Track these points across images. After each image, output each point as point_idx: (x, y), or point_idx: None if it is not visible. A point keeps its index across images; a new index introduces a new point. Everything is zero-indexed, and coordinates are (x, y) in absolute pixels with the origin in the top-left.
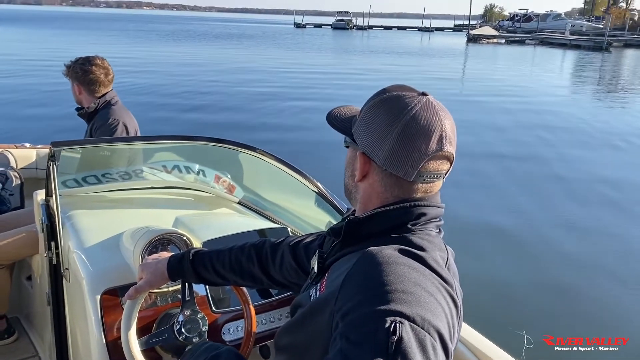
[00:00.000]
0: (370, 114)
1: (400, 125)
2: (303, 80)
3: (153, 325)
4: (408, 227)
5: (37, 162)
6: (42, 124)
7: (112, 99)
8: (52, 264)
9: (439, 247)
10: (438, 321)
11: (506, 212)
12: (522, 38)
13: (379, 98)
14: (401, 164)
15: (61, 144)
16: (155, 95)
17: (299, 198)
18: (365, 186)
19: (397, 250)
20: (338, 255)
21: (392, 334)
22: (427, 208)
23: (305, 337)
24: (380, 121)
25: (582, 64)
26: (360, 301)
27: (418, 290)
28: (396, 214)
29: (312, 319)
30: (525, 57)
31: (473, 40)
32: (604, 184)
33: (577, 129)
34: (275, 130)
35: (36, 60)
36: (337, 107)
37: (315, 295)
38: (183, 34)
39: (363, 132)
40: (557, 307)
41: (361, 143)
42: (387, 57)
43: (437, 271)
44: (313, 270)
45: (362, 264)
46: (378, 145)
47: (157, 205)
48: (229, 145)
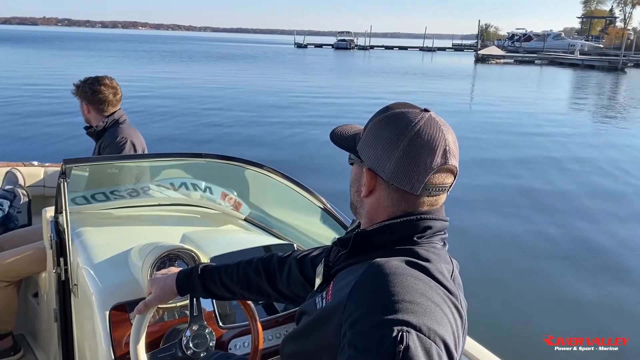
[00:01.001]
0: (375, 131)
1: (406, 141)
2: (336, 108)
3: (160, 340)
4: (414, 240)
5: (45, 180)
6: (49, 143)
7: (120, 117)
8: (61, 280)
9: (444, 259)
10: (444, 331)
11: (504, 213)
12: (531, 58)
13: (383, 115)
14: (407, 178)
15: (72, 161)
16: (170, 121)
17: (304, 214)
18: (371, 201)
19: (403, 261)
20: (343, 265)
21: (399, 343)
22: (432, 221)
23: (311, 345)
24: (386, 137)
25: (611, 86)
26: (368, 310)
27: (424, 301)
28: (403, 226)
29: (319, 328)
30: (544, 79)
31: (481, 61)
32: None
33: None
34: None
35: (39, 84)
36: (339, 126)
37: (322, 303)
38: (184, 55)
39: (368, 149)
40: (557, 307)
41: (367, 159)
42: (404, 79)
43: (443, 283)
44: (318, 278)
45: (370, 274)
46: (384, 160)
47: (165, 222)
48: (236, 163)
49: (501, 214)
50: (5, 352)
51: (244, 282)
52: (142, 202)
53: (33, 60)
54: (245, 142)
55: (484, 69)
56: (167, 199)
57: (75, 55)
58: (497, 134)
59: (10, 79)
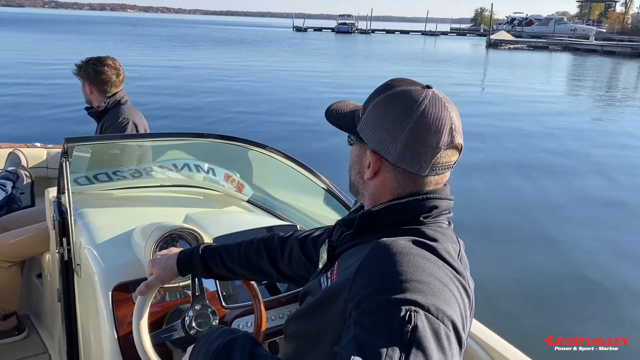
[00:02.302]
0: (377, 111)
1: (412, 122)
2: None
3: (163, 320)
4: (420, 220)
5: (47, 162)
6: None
7: (121, 98)
8: (64, 260)
9: (451, 238)
10: (452, 311)
11: (504, 210)
12: (544, 44)
13: (385, 95)
14: (415, 160)
15: (74, 140)
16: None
17: (307, 195)
18: (376, 183)
19: (410, 241)
20: (348, 246)
21: (407, 323)
22: (438, 201)
23: (316, 325)
24: (390, 118)
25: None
26: (376, 289)
27: (432, 281)
28: (409, 206)
29: (324, 307)
30: (568, 66)
31: (493, 46)
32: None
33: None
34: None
35: (40, 67)
36: (334, 103)
37: (327, 283)
38: (183, 39)
39: (371, 131)
40: (558, 307)
41: (370, 141)
42: (423, 66)
43: (450, 262)
44: (323, 258)
45: (377, 253)
46: (389, 143)
47: (167, 203)
48: (239, 143)
49: (501, 213)
50: (9, 331)
51: (245, 263)
52: (144, 183)
53: (26, 45)
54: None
55: (497, 54)
56: (170, 180)
57: (67, 39)
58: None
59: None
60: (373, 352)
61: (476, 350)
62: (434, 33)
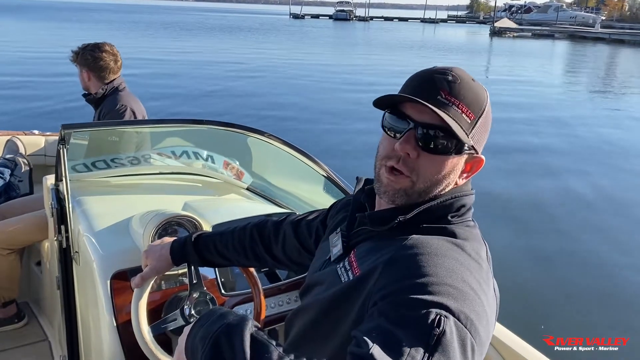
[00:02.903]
0: (490, 115)
1: (490, 115)
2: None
3: (162, 308)
4: (448, 219)
5: (45, 149)
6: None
7: (119, 85)
8: (62, 248)
9: (479, 240)
10: (480, 322)
11: (504, 210)
12: (550, 32)
13: (487, 92)
14: None
15: (71, 126)
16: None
17: (307, 183)
18: (464, 183)
19: (444, 241)
20: (365, 237)
21: (436, 326)
22: (464, 198)
23: (333, 317)
24: (491, 118)
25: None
26: (407, 286)
27: (465, 287)
28: (439, 207)
29: (346, 300)
30: (581, 56)
31: (498, 34)
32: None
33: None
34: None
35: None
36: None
37: (347, 276)
38: (179, 26)
39: (484, 138)
40: (557, 307)
41: (480, 149)
42: (436, 55)
43: (482, 265)
44: (337, 248)
45: (410, 250)
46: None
47: (166, 190)
48: (237, 129)
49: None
50: (9, 319)
51: (239, 249)
52: (143, 171)
53: (16, 35)
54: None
55: (504, 43)
56: (169, 168)
57: (61, 27)
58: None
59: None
60: (395, 347)
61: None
62: (434, 20)
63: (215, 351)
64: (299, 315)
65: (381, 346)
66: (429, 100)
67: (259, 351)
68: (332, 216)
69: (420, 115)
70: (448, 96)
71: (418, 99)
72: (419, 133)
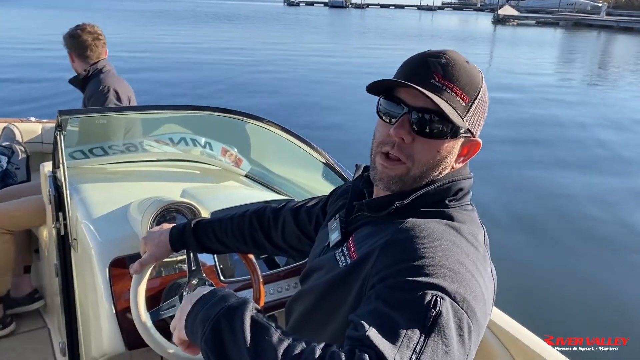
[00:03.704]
0: (486, 97)
1: (487, 100)
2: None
3: (161, 294)
4: (446, 203)
5: (42, 136)
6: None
7: (103, 67)
8: (60, 235)
9: (477, 223)
10: (476, 304)
11: (504, 209)
12: (554, 20)
13: (482, 75)
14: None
15: (68, 112)
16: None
17: (306, 169)
18: (461, 166)
19: (440, 224)
20: (363, 222)
21: (432, 308)
22: (462, 182)
23: (331, 302)
24: (487, 103)
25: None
26: (404, 269)
27: (461, 269)
28: (438, 192)
29: (344, 283)
30: (601, 47)
31: (501, 22)
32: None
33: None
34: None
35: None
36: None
37: (345, 261)
38: (170, 15)
39: (479, 122)
40: (557, 307)
41: (477, 132)
42: (447, 45)
43: (478, 249)
44: (335, 234)
45: (406, 233)
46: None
47: (164, 177)
48: (235, 116)
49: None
50: None
51: (239, 235)
52: (140, 158)
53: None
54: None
55: (509, 31)
56: (166, 155)
57: (51, 15)
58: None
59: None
60: (391, 330)
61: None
62: (431, 7)
63: (216, 334)
64: (298, 301)
65: (377, 329)
66: (423, 84)
67: (259, 333)
68: (332, 203)
69: (414, 99)
70: (442, 79)
71: (410, 84)
72: (413, 118)
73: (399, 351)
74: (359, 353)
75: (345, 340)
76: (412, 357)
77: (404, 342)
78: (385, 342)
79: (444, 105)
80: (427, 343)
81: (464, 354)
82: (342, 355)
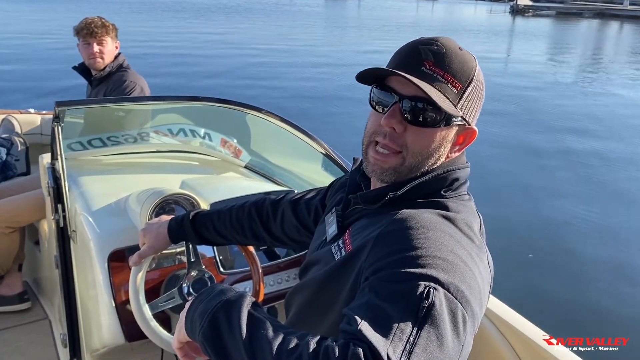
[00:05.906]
0: (481, 84)
1: (484, 89)
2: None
3: (160, 287)
4: (441, 194)
5: (41, 128)
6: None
7: (123, 61)
8: (60, 227)
9: (473, 213)
10: (471, 294)
11: (504, 207)
12: (577, 10)
13: (475, 61)
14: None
15: (65, 103)
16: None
17: (305, 160)
18: (457, 156)
19: (434, 214)
20: (359, 215)
21: (424, 299)
22: (458, 172)
23: (328, 294)
24: (483, 91)
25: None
26: (396, 260)
27: (455, 259)
28: (432, 182)
29: (339, 275)
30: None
31: (520, 12)
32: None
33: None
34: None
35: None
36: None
37: (340, 253)
38: (167, 6)
39: (475, 110)
40: (557, 307)
41: (473, 120)
42: (472, 39)
43: (473, 239)
44: (332, 229)
45: (400, 224)
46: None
47: (163, 169)
48: (234, 106)
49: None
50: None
51: (238, 227)
52: (139, 149)
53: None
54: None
55: (533, 23)
56: (165, 146)
57: (51, 9)
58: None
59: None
60: (384, 322)
61: (486, 325)
62: None
63: (213, 327)
64: (297, 294)
65: (370, 322)
66: (413, 72)
67: (255, 327)
68: (331, 196)
69: (404, 88)
70: (432, 67)
71: (399, 72)
72: (404, 106)
73: (392, 344)
74: (352, 347)
75: (340, 333)
76: (405, 350)
77: (396, 334)
78: (377, 335)
79: (434, 92)
80: (420, 335)
81: (459, 344)
82: (336, 349)
